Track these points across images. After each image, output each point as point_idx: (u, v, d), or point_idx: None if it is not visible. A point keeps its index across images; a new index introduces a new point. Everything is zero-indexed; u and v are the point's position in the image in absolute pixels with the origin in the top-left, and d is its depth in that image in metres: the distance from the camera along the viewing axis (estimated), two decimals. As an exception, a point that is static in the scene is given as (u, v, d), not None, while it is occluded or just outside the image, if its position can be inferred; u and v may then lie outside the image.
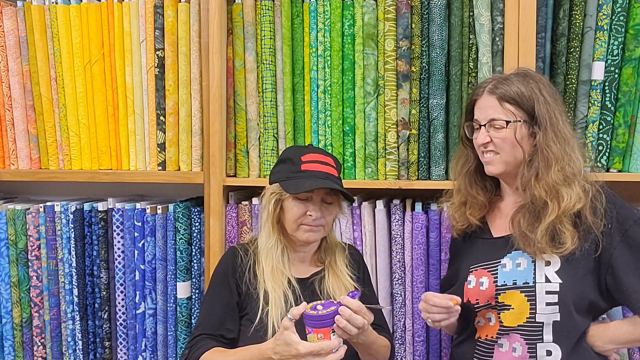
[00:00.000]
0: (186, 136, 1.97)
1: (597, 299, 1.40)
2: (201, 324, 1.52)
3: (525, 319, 1.39)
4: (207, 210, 1.93)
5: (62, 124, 2.06)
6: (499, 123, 1.41)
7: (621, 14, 1.69)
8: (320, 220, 1.50)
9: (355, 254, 1.68)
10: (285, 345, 1.25)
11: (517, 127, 1.40)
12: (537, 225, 1.37)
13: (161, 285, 1.98)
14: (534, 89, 1.40)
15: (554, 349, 1.38)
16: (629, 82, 1.71)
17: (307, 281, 1.56)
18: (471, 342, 1.49)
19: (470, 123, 1.50)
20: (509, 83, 1.42)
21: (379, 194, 1.96)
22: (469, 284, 1.48)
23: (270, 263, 1.52)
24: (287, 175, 1.51)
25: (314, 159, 1.52)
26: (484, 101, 1.45)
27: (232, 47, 1.93)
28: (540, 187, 1.37)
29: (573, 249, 1.36)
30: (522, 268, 1.41)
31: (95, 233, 2.03)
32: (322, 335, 1.25)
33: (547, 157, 1.37)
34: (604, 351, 1.43)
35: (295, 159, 1.51)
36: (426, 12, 1.79)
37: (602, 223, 1.37)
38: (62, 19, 2.01)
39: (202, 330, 1.50)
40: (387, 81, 1.82)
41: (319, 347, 1.23)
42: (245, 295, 1.52)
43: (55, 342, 2.08)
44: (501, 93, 1.41)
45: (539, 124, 1.39)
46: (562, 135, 1.39)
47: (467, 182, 1.54)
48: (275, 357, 1.28)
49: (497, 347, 1.43)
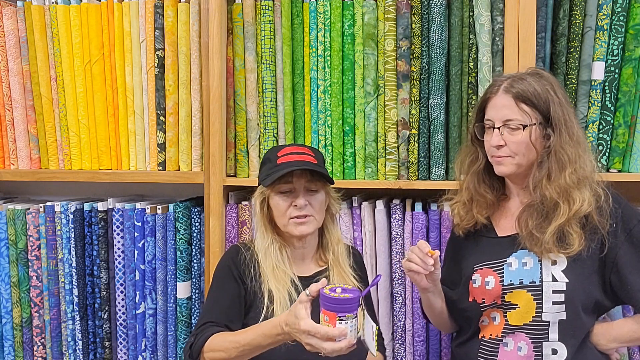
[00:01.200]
0: (186, 136, 1.97)
1: (602, 297, 1.41)
2: (206, 314, 1.49)
3: (531, 317, 1.39)
4: (207, 210, 1.93)
5: (62, 124, 2.06)
6: (514, 124, 1.39)
7: (621, 14, 1.69)
8: (307, 209, 1.48)
9: (357, 255, 1.68)
10: (294, 317, 1.23)
11: (533, 130, 1.38)
12: (545, 226, 1.37)
13: (161, 285, 1.98)
14: (549, 90, 1.39)
15: (559, 347, 1.38)
16: (629, 82, 1.71)
17: (311, 280, 1.54)
18: (475, 341, 1.49)
19: (480, 124, 1.48)
20: (524, 83, 1.40)
21: (379, 194, 1.96)
22: (474, 283, 1.48)
23: (270, 263, 1.51)
24: (267, 173, 1.51)
25: (289, 151, 1.52)
26: (499, 100, 1.42)
27: (232, 47, 1.93)
28: (552, 188, 1.36)
29: (580, 250, 1.36)
30: (528, 267, 1.41)
31: (95, 233, 2.02)
32: (328, 319, 1.20)
33: (561, 159, 1.37)
34: (607, 350, 1.44)
35: (272, 157, 1.52)
36: (426, 12, 1.79)
37: (608, 223, 1.38)
38: (62, 19, 2.01)
39: (207, 319, 1.46)
40: (387, 81, 1.82)
41: (316, 329, 1.19)
42: (250, 291, 1.50)
43: (55, 342, 2.08)
44: (517, 92, 1.39)
45: (553, 126, 1.38)
46: (576, 138, 1.39)
47: (476, 181, 1.52)
48: (286, 329, 1.26)
49: (502, 346, 1.43)
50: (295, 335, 1.23)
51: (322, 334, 1.18)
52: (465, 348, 1.52)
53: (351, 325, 1.20)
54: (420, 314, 1.70)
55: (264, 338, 1.31)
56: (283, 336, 1.27)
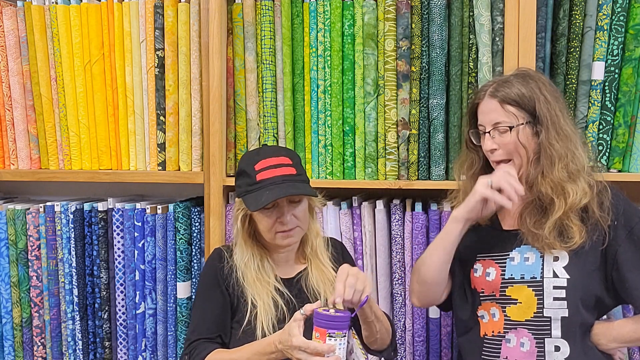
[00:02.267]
0: (186, 136, 1.97)
1: (604, 295, 1.42)
2: (196, 328, 1.49)
3: (532, 313, 1.40)
4: (207, 210, 1.93)
5: (62, 124, 2.06)
6: (502, 127, 1.42)
7: (621, 14, 1.69)
8: (292, 222, 1.47)
9: (337, 245, 1.66)
10: (287, 334, 1.29)
11: (520, 130, 1.41)
12: (544, 222, 1.39)
13: (161, 285, 1.98)
14: (534, 89, 1.42)
15: (562, 344, 1.39)
16: (629, 82, 1.71)
17: (293, 280, 1.55)
18: (477, 340, 1.49)
19: (475, 130, 1.51)
20: (509, 85, 1.43)
21: (379, 194, 1.96)
22: (475, 272, 1.50)
23: (251, 275, 1.50)
24: (246, 189, 1.46)
25: (267, 164, 1.45)
26: (485, 105, 1.46)
27: (232, 47, 1.93)
28: (546, 184, 1.39)
29: (581, 243, 1.38)
30: (530, 262, 1.42)
31: (95, 233, 2.02)
32: (319, 335, 1.26)
33: (550, 155, 1.39)
34: (608, 350, 1.44)
35: (249, 171, 1.46)
36: (426, 12, 1.79)
37: (609, 217, 1.39)
38: (62, 19, 2.01)
39: (198, 335, 1.47)
40: (387, 81, 1.82)
41: (307, 345, 1.25)
42: (233, 296, 1.50)
43: (55, 342, 2.08)
44: (502, 96, 1.43)
45: (540, 123, 1.40)
46: (564, 133, 1.41)
47: (473, 184, 1.53)
48: (279, 346, 1.30)
49: (504, 342, 1.44)
50: (288, 351, 1.28)
51: (311, 349, 1.24)
52: (470, 347, 1.52)
53: (340, 343, 1.26)
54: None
55: (259, 356, 1.35)
56: (276, 354, 1.32)
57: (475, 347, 1.49)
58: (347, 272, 1.34)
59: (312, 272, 1.55)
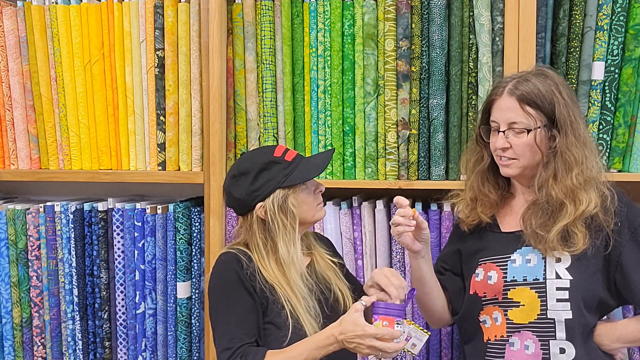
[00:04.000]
0: (186, 136, 1.97)
1: (607, 296, 1.41)
2: (235, 335, 1.37)
3: (536, 315, 1.39)
4: (207, 210, 1.93)
5: (62, 124, 2.06)
6: (519, 127, 1.39)
7: (621, 14, 1.69)
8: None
9: (322, 237, 1.68)
10: (352, 325, 1.30)
11: (537, 133, 1.38)
12: (550, 225, 1.37)
13: (161, 285, 1.98)
14: (554, 91, 1.38)
15: (567, 347, 1.38)
16: (629, 82, 1.71)
17: (309, 269, 1.52)
18: (481, 346, 1.48)
19: (486, 126, 1.47)
20: (529, 84, 1.39)
21: (379, 194, 1.96)
22: (476, 277, 1.48)
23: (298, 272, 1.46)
24: (284, 173, 1.44)
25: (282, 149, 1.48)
26: (504, 102, 1.41)
27: (232, 47, 1.93)
28: (559, 188, 1.36)
29: (584, 249, 1.37)
30: (532, 264, 1.41)
31: (95, 233, 2.02)
32: (387, 323, 1.35)
33: (567, 160, 1.37)
34: (611, 350, 1.43)
35: (274, 159, 1.45)
36: (426, 12, 1.79)
37: (612, 221, 1.38)
38: (62, 19, 2.01)
39: (240, 341, 1.36)
40: (387, 81, 1.82)
41: (383, 332, 1.30)
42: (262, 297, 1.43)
43: (55, 342, 2.08)
44: (521, 94, 1.38)
45: (558, 127, 1.37)
46: (582, 139, 1.38)
47: (480, 181, 1.52)
48: (340, 337, 1.31)
49: (508, 346, 1.42)
50: (353, 341, 1.30)
51: (389, 335, 1.31)
52: (473, 351, 1.51)
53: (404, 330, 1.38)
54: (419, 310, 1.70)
55: (318, 350, 1.34)
56: (335, 346, 1.33)
57: (479, 352, 1.48)
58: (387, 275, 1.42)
59: (318, 263, 1.56)
